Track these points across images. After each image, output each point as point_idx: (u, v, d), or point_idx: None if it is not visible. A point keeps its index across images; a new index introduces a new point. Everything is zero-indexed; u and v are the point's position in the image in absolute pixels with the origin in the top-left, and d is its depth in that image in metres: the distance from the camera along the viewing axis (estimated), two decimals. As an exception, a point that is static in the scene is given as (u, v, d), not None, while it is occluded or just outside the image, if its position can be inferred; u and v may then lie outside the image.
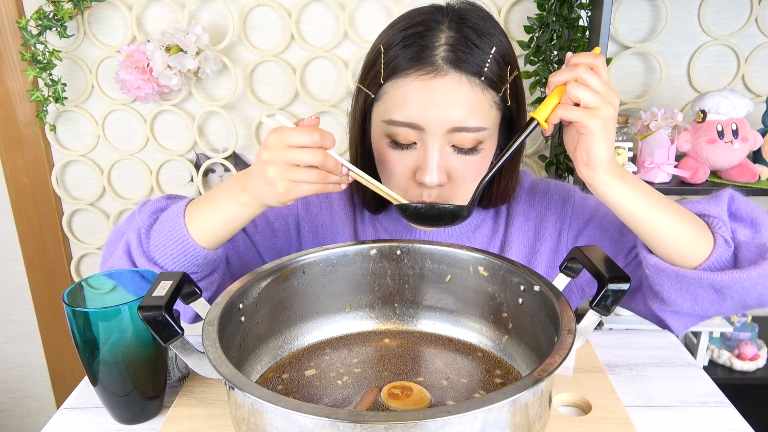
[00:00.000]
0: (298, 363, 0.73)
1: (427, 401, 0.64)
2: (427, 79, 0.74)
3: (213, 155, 1.64)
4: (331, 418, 0.45)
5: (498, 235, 0.93)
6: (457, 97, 0.74)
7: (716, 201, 0.80)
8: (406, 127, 0.76)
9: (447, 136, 0.76)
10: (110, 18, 1.55)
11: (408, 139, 0.77)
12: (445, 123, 0.75)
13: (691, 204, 0.81)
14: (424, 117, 0.75)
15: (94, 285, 0.75)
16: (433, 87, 0.74)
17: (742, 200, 0.81)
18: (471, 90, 0.75)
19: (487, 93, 0.76)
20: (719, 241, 0.75)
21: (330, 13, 1.53)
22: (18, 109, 1.61)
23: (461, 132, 0.76)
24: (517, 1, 1.51)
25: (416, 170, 0.79)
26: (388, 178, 0.82)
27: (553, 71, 1.45)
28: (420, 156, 0.78)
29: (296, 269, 0.73)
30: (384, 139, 0.80)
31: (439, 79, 0.74)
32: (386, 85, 0.77)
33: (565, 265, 0.66)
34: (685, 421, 0.71)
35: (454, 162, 0.78)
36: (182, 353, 0.56)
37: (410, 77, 0.75)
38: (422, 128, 0.76)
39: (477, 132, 0.76)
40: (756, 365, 1.53)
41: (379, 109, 0.80)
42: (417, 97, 0.75)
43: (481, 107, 0.76)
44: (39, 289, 1.80)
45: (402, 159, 0.79)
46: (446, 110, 0.74)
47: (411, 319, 0.79)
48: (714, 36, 1.52)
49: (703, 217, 0.79)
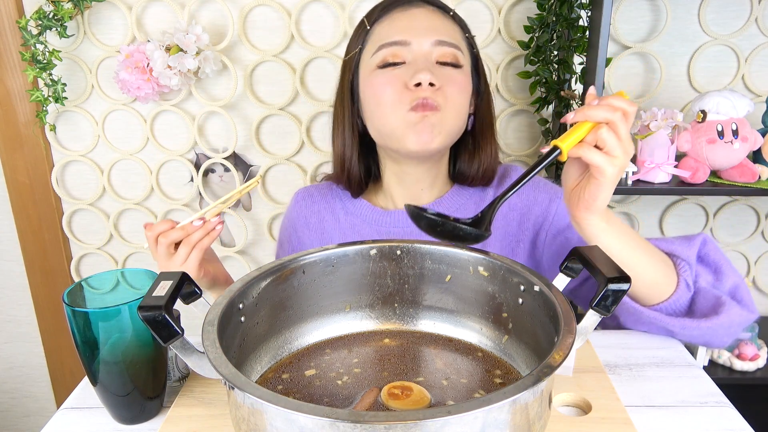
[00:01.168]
0: (298, 363, 0.73)
1: (427, 401, 0.64)
2: (404, 9, 0.89)
3: (213, 155, 1.64)
4: (331, 418, 0.45)
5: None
6: (435, 20, 0.89)
7: (689, 244, 0.84)
8: (394, 45, 0.87)
9: (431, 50, 0.86)
10: (110, 18, 1.55)
11: (397, 56, 0.87)
12: (428, 35, 0.86)
13: (666, 242, 0.85)
14: (409, 32, 0.86)
15: (94, 285, 0.75)
16: (413, 13, 0.89)
17: (713, 246, 0.85)
18: (444, 19, 0.90)
19: (457, 27, 0.91)
20: (681, 285, 0.80)
21: (330, 13, 1.53)
22: (18, 109, 1.61)
23: (443, 46, 0.87)
24: (517, 1, 1.51)
25: (409, 80, 0.85)
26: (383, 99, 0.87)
27: (553, 71, 1.45)
28: (410, 68, 0.86)
29: (296, 269, 0.73)
30: (374, 71, 0.88)
31: (416, 8, 0.89)
32: (372, 29, 0.90)
33: (565, 265, 0.66)
34: (685, 421, 0.71)
35: (440, 71, 0.86)
36: (182, 353, 0.56)
37: (392, 14, 0.89)
38: (409, 43, 0.86)
39: (456, 48, 0.88)
40: (756, 365, 1.53)
41: (367, 52, 0.90)
42: (401, 21, 0.88)
43: (455, 33, 0.90)
44: (39, 289, 1.80)
45: (393, 74, 0.86)
46: (427, 27, 0.87)
47: (411, 319, 0.79)
48: (714, 36, 1.52)
49: (672, 256, 0.83)
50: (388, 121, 0.87)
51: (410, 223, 0.96)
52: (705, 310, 0.80)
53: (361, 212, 1.00)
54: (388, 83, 0.86)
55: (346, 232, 1.00)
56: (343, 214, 1.02)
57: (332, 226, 1.02)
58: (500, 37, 1.53)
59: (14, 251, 1.79)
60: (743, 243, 1.70)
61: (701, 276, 0.83)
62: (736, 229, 1.70)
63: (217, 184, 1.70)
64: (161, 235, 0.85)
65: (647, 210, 1.69)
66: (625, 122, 0.67)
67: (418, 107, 0.84)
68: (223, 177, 1.68)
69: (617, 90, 1.56)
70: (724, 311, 0.78)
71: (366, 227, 0.99)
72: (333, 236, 1.01)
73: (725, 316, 0.78)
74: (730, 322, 0.78)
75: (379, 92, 0.87)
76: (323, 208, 1.03)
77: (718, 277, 0.83)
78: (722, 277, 0.83)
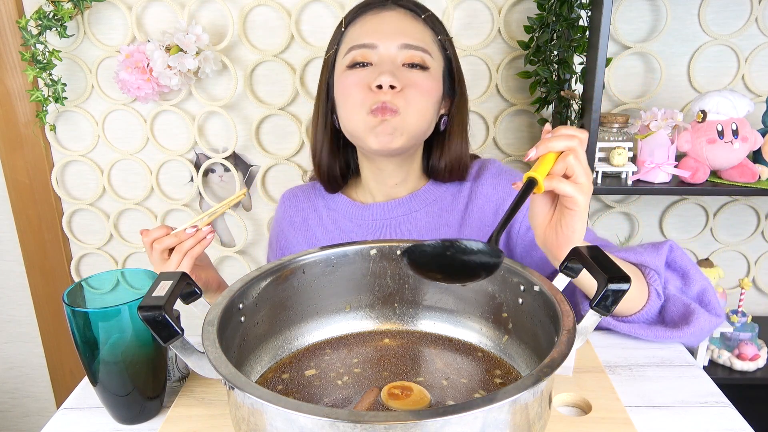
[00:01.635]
0: (298, 363, 0.73)
1: (427, 401, 0.64)
2: (377, 11, 0.91)
3: (213, 155, 1.64)
4: (331, 418, 0.45)
5: (456, 212, 0.99)
6: (404, 23, 0.90)
7: (657, 253, 0.87)
8: (363, 48, 0.89)
9: (398, 53, 0.89)
10: (110, 18, 1.55)
11: (365, 57, 0.89)
12: (395, 38, 0.88)
13: (634, 252, 0.88)
14: (377, 36, 0.89)
15: (94, 285, 0.75)
16: (383, 16, 0.91)
17: (679, 252, 0.89)
18: (415, 22, 0.91)
19: (428, 31, 0.92)
20: (652, 295, 0.84)
21: (330, 13, 1.53)
22: (18, 109, 1.61)
23: (409, 49, 0.89)
24: (517, 1, 1.51)
25: (373, 81, 0.87)
26: (348, 97, 0.90)
27: (553, 71, 1.45)
28: (375, 69, 0.88)
29: (296, 269, 0.73)
30: (344, 72, 0.90)
31: (388, 11, 0.91)
32: (346, 31, 0.93)
33: (565, 265, 0.66)
34: (685, 421, 0.71)
35: (404, 74, 0.88)
36: (182, 353, 0.56)
37: (364, 16, 0.92)
38: (376, 46, 0.88)
39: (423, 52, 0.89)
40: (756, 365, 1.53)
41: (341, 52, 0.92)
42: (370, 23, 0.91)
43: (425, 36, 0.91)
44: (39, 289, 1.80)
45: (360, 76, 0.89)
46: (395, 30, 0.89)
47: (411, 319, 0.79)
48: (714, 36, 1.52)
49: (641, 267, 0.86)
50: (352, 121, 0.90)
51: (389, 214, 0.99)
52: (675, 317, 0.86)
53: (341, 207, 1.03)
54: (354, 84, 0.89)
55: (329, 228, 1.03)
56: (325, 211, 1.05)
57: (316, 223, 1.05)
58: (500, 37, 1.53)
59: (14, 251, 1.79)
60: (743, 243, 1.70)
61: (670, 281, 0.87)
62: (736, 229, 1.70)
63: (217, 184, 1.70)
64: (155, 242, 0.88)
65: (647, 210, 1.69)
66: (582, 149, 0.68)
67: (377, 111, 0.87)
68: (223, 177, 1.68)
69: (617, 90, 1.57)
70: (694, 320, 0.83)
71: (347, 222, 1.02)
72: (317, 233, 1.04)
73: (695, 325, 0.83)
74: (701, 329, 0.83)
75: (346, 93, 0.90)
76: (307, 207, 1.07)
77: (685, 281, 0.88)
78: (690, 282, 0.88)
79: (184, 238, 0.88)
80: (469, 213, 0.98)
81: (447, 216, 0.99)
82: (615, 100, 1.58)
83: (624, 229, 1.71)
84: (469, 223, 0.98)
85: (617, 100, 1.58)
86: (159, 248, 0.88)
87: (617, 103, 1.58)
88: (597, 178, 1.44)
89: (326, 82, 0.97)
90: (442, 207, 0.99)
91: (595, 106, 1.33)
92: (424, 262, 0.59)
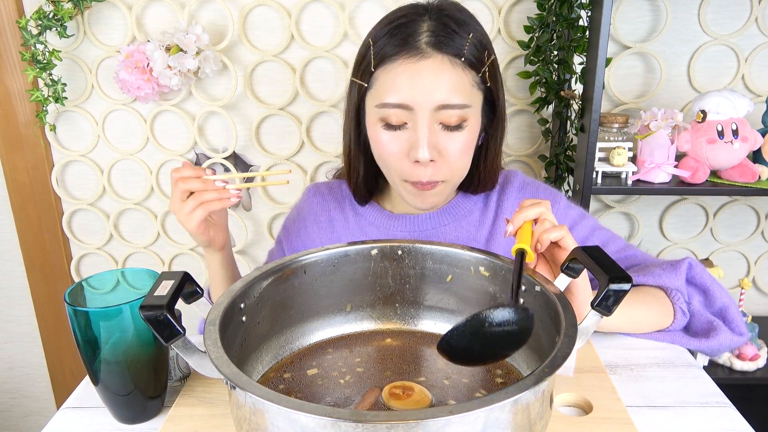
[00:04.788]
0: (300, 362, 0.73)
1: (428, 401, 0.64)
2: (412, 62, 0.81)
3: (213, 155, 1.64)
4: (333, 417, 0.45)
5: (485, 226, 0.98)
6: (441, 77, 0.81)
7: (676, 273, 0.90)
8: (397, 108, 0.83)
9: (434, 114, 0.82)
10: (110, 18, 1.55)
11: (399, 119, 0.83)
12: (432, 101, 0.81)
13: (653, 275, 0.91)
14: (412, 97, 0.81)
15: (95, 285, 0.75)
16: (419, 69, 0.81)
17: (699, 269, 0.91)
18: (453, 70, 0.82)
19: (468, 73, 0.83)
20: (678, 313, 0.88)
21: (330, 13, 1.53)
22: (18, 109, 1.61)
23: (447, 109, 0.82)
24: (517, 1, 1.51)
25: (409, 150, 0.84)
26: (385, 161, 0.88)
27: (553, 71, 1.45)
28: (411, 135, 0.84)
29: (297, 269, 0.73)
30: (378, 124, 0.86)
31: (424, 61, 0.81)
32: (377, 72, 0.84)
33: (566, 265, 0.66)
34: (685, 421, 0.71)
35: (442, 139, 0.84)
36: (184, 353, 0.56)
37: (397, 62, 0.82)
38: (411, 108, 0.82)
39: (461, 109, 0.83)
40: (756, 365, 1.53)
41: (371, 96, 0.86)
42: (405, 79, 0.82)
43: (464, 86, 0.83)
44: (39, 289, 1.80)
45: (395, 140, 0.85)
46: (432, 89, 0.81)
47: (412, 319, 0.80)
48: (714, 36, 1.52)
49: (663, 288, 0.90)
50: (389, 176, 0.90)
51: (418, 227, 0.97)
52: (698, 330, 0.89)
53: (369, 214, 1.01)
54: (390, 145, 0.85)
55: (355, 234, 1.01)
56: (353, 215, 1.02)
57: (342, 226, 1.02)
58: (500, 37, 1.53)
59: (14, 251, 1.79)
60: (743, 243, 1.70)
61: (693, 298, 0.91)
62: (736, 229, 1.70)
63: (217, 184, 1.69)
64: (181, 180, 0.85)
65: (647, 210, 1.69)
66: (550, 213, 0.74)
67: (417, 185, 0.86)
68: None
69: (617, 90, 1.57)
70: (715, 335, 0.87)
71: (373, 230, 1.00)
72: (342, 236, 1.02)
73: (715, 340, 0.86)
74: (719, 345, 0.87)
75: (380, 151, 0.87)
76: (333, 208, 1.04)
77: (707, 297, 0.91)
78: (711, 298, 0.90)
79: (209, 188, 0.85)
80: (496, 228, 0.98)
81: (474, 231, 0.98)
82: (615, 100, 1.58)
83: (624, 229, 1.71)
84: (496, 238, 0.97)
85: (617, 100, 1.58)
86: (182, 187, 0.85)
87: (617, 103, 1.58)
88: (597, 178, 1.44)
89: (356, 107, 0.90)
90: (470, 222, 0.98)
91: (595, 106, 1.34)
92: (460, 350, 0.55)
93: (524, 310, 0.55)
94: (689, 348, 0.88)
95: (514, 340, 0.55)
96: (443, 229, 0.98)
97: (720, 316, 0.90)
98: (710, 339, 0.87)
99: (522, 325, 0.55)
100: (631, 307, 0.85)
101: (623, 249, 0.99)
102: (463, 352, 0.55)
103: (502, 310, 0.54)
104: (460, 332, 0.53)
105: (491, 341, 0.55)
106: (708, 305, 0.91)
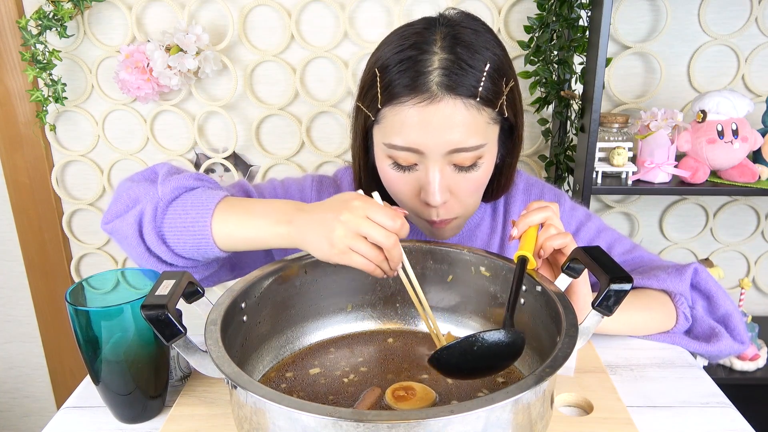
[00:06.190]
0: (301, 362, 0.73)
1: (432, 398, 0.64)
2: (423, 105, 0.73)
3: (213, 155, 1.64)
4: (334, 417, 0.45)
5: (497, 232, 0.97)
6: (454, 121, 0.74)
7: (681, 277, 0.89)
8: (406, 151, 0.76)
9: (446, 157, 0.76)
10: (110, 18, 1.55)
11: (409, 161, 0.78)
12: (444, 146, 0.75)
13: (657, 279, 0.90)
14: (423, 142, 0.75)
15: (95, 285, 0.75)
16: (430, 113, 0.74)
17: (704, 274, 0.91)
18: (467, 112, 0.74)
19: (484, 112, 0.76)
20: (680, 317, 0.88)
21: (330, 13, 1.53)
22: (18, 109, 1.61)
23: (460, 152, 0.76)
24: (517, 1, 1.51)
25: (420, 190, 0.79)
26: (395, 197, 0.84)
27: (553, 71, 1.45)
28: (422, 176, 0.78)
29: (298, 269, 0.73)
30: (386, 160, 0.80)
31: (435, 105, 0.73)
32: (384, 110, 0.77)
33: (566, 265, 0.66)
34: (686, 421, 0.71)
35: (455, 179, 0.79)
36: (185, 352, 0.56)
37: (407, 105, 0.74)
38: (422, 152, 0.76)
39: (476, 150, 0.77)
40: (756, 365, 1.53)
41: (379, 131, 0.80)
42: (415, 123, 0.74)
43: (478, 126, 0.76)
44: (39, 289, 1.80)
45: (405, 180, 0.80)
46: (444, 134, 0.74)
47: (412, 318, 0.80)
48: (714, 36, 1.52)
49: (667, 292, 0.90)
50: (399, 204, 0.84)
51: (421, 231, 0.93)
52: (700, 335, 0.89)
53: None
54: (399, 184, 0.80)
55: None
56: None
57: None
58: (500, 37, 1.53)
59: (14, 251, 1.79)
60: (743, 243, 1.71)
61: (696, 302, 0.91)
62: (736, 229, 1.70)
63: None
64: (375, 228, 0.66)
65: (647, 210, 1.69)
66: (557, 217, 0.74)
67: (430, 222, 0.83)
68: (223, 177, 1.68)
69: (617, 90, 1.57)
70: (716, 342, 0.87)
71: None
72: None
73: (716, 346, 0.87)
74: (719, 351, 0.87)
75: (390, 186, 0.82)
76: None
77: (710, 303, 0.91)
78: (715, 304, 0.90)
79: (395, 253, 0.67)
80: (507, 233, 0.97)
81: (487, 239, 0.97)
82: (615, 100, 1.58)
83: (624, 229, 1.71)
84: (507, 243, 0.97)
85: (617, 100, 1.58)
86: (374, 236, 0.65)
87: (617, 103, 1.59)
88: (597, 178, 1.44)
89: (363, 134, 0.84)
90: (484, 231, 0.97)
91: (595, 106, 1.34)
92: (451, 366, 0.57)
93: (516, 334, 0.56)
94: (689, 350, 0.88)
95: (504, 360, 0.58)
96: (459, 241, 0.96)
97: (723, 322, 0.90)
98: (711, 344, 0.87)
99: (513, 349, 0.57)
100: (633, 311, 0.86)
101: (630, 251, 0.98)
102: (454, 368, 0.58)
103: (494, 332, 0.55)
104: (450, 350, 0.56)
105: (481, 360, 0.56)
106: (711, 311, 0.91)
